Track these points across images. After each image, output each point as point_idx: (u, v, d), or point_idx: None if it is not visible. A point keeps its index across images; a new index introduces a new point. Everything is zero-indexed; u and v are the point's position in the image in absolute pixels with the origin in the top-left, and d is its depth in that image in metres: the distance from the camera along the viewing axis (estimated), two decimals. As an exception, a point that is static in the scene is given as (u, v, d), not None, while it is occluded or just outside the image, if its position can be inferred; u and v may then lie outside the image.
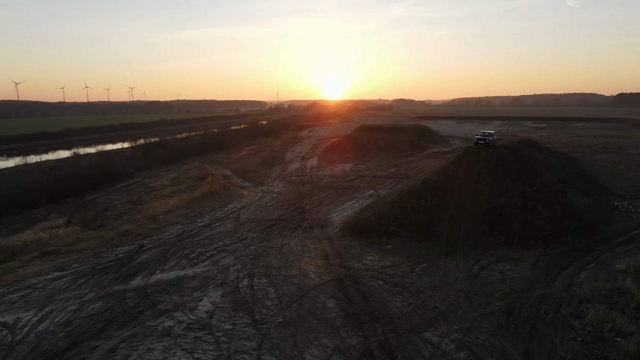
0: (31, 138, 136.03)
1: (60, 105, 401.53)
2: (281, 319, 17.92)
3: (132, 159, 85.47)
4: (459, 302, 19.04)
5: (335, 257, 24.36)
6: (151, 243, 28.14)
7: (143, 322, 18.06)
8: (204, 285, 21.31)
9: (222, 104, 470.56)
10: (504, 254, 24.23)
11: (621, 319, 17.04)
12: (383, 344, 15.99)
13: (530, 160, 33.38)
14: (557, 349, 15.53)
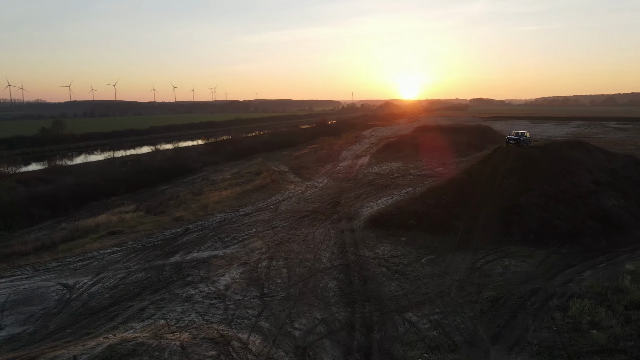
0: (121, 135, 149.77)
1: (150, 105, 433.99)
2: (285, 294, 20.40)
3: (203, 154, 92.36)
4: (451, 289, 20.38)
5: (351, 246, 26.40)
6: (195, 227, 31.86)
7: (172, 290, 21.38)
8: (229, 264, 24.34)
9: (297, 103, 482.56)
10: (514, 251, 24.90)
11: (604, 314, 17.56)
12: (365, 320, 17.93)
13: (566, 160, 32.89)
14: (527, 335, 16.55)
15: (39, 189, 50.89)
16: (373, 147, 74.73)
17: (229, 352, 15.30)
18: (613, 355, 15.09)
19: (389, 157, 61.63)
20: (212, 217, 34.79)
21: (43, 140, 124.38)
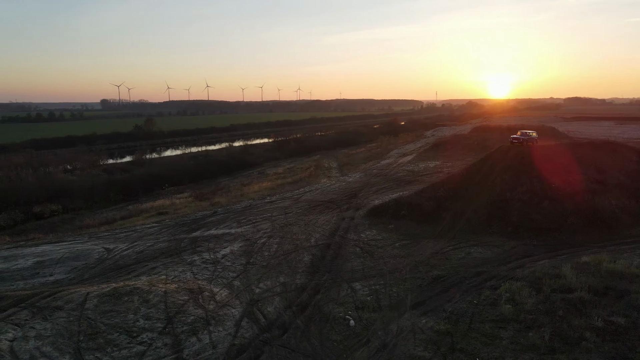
0: (203, 132, 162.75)
1: (237, 105, 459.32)
2: (265, 264, 24.59)
3: (268, 151, 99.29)
4: (404, 268, 23.27)
5: (342, 231, 29.89)
6: (223, 211, 37.08)
7: (181, 256, 26.47)
8: (234, 240, 29.03)
9: (377, 103, 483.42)
10: (487, 240, 26.88)
11: (527, 294, 19.55)
12: (317, 285, 21.57)
13: (571, 160, 33.47)
14: (447, 305, 19.19)
15: (117, 177, 59.69)
16: (424, 147, 76.26)
17: (197, 299, 19.85)
18: (508, 323, 17.41)
19: (431, 156, 63.22)
20: (241, 203, 39.88)
21: (136, 136, 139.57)
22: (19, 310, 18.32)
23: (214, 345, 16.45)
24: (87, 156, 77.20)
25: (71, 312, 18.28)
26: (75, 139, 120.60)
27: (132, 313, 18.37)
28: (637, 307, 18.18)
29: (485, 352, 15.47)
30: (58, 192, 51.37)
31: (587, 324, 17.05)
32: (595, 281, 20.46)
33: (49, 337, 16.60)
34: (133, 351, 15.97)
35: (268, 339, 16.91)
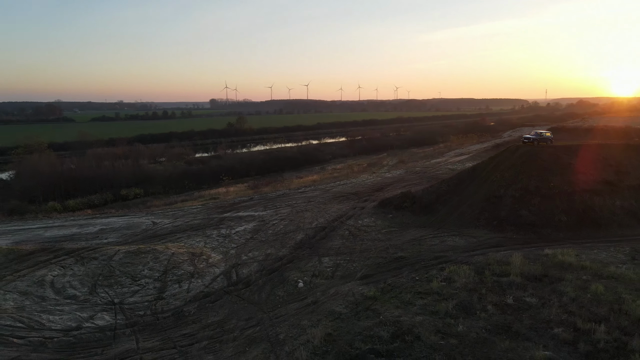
0: (290, 129, 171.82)
1: (333, 104, 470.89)
2: (264, 239, 29.31)
3: (341, 148, 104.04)
4: (375, 249, 26.46)
5: (345, 217, 33.54)
6: (259, 198, 42.50)
7: (204, 230, 32.16)
8: (252, 220, 34.12)
9: (476, 102, 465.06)
10: (469, 232, 28.87)
11: (465, 275, 21.89)
12: (294, 257, 25.76)
13: (582, 160, 33.59)
14: (390, 279, 22.27)
15: (193, 168, 68.38)
16: (487, 147, 75.67)
17: (194, 260, 25.19)
18: (429, 295, 20.15)
19: (485, 156, 63.21)
20: (278, 192, 45.01)
21: (228, 132, 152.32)
22: (68, 257, 25.03)
23: (189, 291, 21.53)
24: (176, 150, 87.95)
25: (101, 261, 24.57)
26: (175, 135, 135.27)
27: (141, 265, 24.17)
28: (558, 291, 19.86)
29: (390, 313, 18.59)
30: (143, 179, 60.80)
31: (498, 300, 19.26)
32: (538, 269, 22.11)
33: (80, 276, 22.90)
34: (130, 290, 21.61)
35: (230, 290, 21.58)
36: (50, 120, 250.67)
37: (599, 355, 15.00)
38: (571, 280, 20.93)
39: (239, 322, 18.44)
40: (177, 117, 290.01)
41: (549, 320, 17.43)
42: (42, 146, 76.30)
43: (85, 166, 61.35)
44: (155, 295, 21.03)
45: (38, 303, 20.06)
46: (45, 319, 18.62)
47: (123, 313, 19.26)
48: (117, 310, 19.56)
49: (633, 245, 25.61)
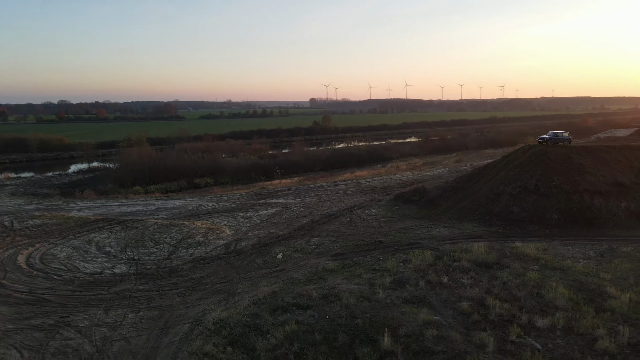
0: (374, 129, 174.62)
1: (430, 103, 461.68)
2: (275, 221, 33.89)
3: (413, 148, 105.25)
4: (361, 234, 29.64)
5: (357, 207, 36.88)
6: (296, 188, 47.19)
7: (233, 212, 37.61)
8: (277, 206, 38.88)
9: (593, 100, 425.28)
10: (458, 225, 30.73)
11: (422, 258, 24.52)
12: (290, 236, 29.95)
13: (601, 161, 33.05)
14: (357, 258, 25.60)
15: (260, 162, 75.15)
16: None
17: (208, 233, 30.57)
18: (378, 272, 23.17)
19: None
20: (316, 184, 49.36)
21: (313, 130, 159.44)
22: (117, 226, 31.87)
23: (191, 255, 26.86)
24: (255, 146, 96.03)
25: (139, 230, 30.99)
26: (264, 132, 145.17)
27: (166, 234, 30.13)
28: (494, 276, 21.81)
29: (334, 281, 22.06)
30: (215, 170, 68.76)
31: (435, 279, 21.69)
32: (492, 258, 23.99)
33: (118, 239, 29.41)
34: (150, 251, 27.51)
35: (223, 257, 26.50)
36: (165, 118, 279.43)
37: (482, 324, 17.34)
38: (514, 268, 22.73)
39: (215, 279, 23.23)
40: (275, 115, 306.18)
41: (463, 296, 19.82)
42: (142, 140, 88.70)
43: (170, 158, 70.95)
44: (165, 256, 26.64)
45: (82, 255, 26.69)
46: (82, 265, 25.05)
47: (136, 266, 25.06)
48: (133, 264, 25.44)
49: (612, 245, 25.98)
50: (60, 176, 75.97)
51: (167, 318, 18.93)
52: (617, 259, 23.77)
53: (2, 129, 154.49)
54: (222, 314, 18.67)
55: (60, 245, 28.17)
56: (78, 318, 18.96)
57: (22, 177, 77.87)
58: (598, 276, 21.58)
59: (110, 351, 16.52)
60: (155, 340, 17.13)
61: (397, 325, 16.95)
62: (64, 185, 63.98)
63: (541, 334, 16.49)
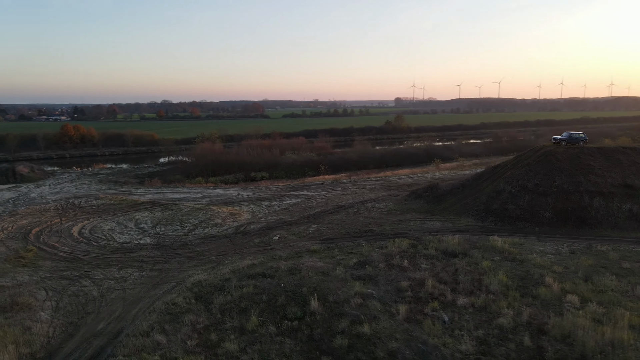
0: (449, 129, 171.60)
1: (522, 102, 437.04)
2: (291, 210, 37.63)
3: (479, 148, 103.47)
4: (358, 223, 32.37)
5: (371, 201, 39.43)
6: (329, 182, 50.52)
7: (262, 202, 42.00)
8: (301, 197, 42.62)
9: None
10: (454, 219, 32.23)
11: (398, 245, 26.92)
12: (296, 222, 33.55)
13: (611, 163, 32.39)
14: (341, 242, 28.60)
15: (314, 159, 79.24)
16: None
17: (227, 217, 35.21)
18: (354, 255, 26.03)
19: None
20: (350, 180, 52.30)
21: (385, 130, 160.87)
22: (158, 207, 37.70)
23: (206, 233, 31.54)
24: (317, 143, 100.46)
25: (174, 212, 36.48)
26: (335, 131, 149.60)
27: (192, 216, 35.24)
28: (452, 262, 23.74)
29: (307, 260, 25.30)
30: (272, 165, 74.18)
31: (398, 262, 24.09)
32: (460, 248, 25.72)
33: (154, 217, 35.02)
34: (174, 228, 32.66)
35: (230, 236, 30.84)
36: (251, 116, 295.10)
37: (408, 298, 19.79)
38: (475, 258, 24.43)
39: (214, 252, 27.59)
40: (355, 114, 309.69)
41: (410, 277, 22.22)
42: (214, 137, 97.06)
43: (231, 153, 77.71)
44: (185, 233, 31.61)
45: (121, 229, 32.55)
46: (117, 236, 30.78)
47: (158, 239, 30.25)
48: (156, 237, 30.68)
49: (592, 244, 26.34)
50: (143, 167, 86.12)
51: (161, 278, 23.57)
52: (585, 256, 24.42)
53: (109, 126, 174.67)
54: (201, 277, 22.84)
55: (108, 221, 34.38)
56: (97, 273, 24.23)
57: (113, 167, 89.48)
58: (550, 269, 22.67)
59: (109, 297, 21.42)
60: (144, 292, 21.76)
61: (330, 294, 19.94)
62: (143, 175, 72.99)
63: (455, 310, 18.56)
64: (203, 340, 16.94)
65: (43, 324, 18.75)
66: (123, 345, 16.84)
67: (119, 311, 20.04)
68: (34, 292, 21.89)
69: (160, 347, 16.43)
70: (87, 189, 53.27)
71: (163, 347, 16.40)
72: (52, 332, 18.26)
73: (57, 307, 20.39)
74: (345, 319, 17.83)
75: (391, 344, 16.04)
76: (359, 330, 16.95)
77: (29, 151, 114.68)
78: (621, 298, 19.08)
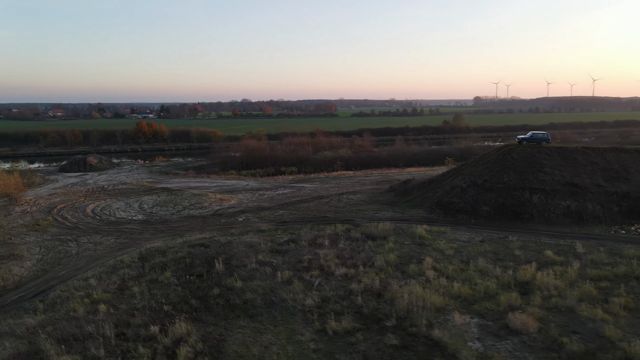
0: (512, 129, 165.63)
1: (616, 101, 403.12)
2: (275, 198, 42.26)
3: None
4: (318, 210, 36.21)
5: (351, 193, 42.86)
6: (333, 178, 54.38)
7: (260, 191, 47.07)
8: (295, 189, 47.07)
9: None
10: (408, 211, 34.80)
11: (334, 229, 30.62)
12: (268, 208, 38.15)
13: (554, 162, 33.23)
14: (298, 223, 32.82)
15: (346, 155, 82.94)
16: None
17: (216, 202, 40.73)
18: (291, 234, 30.21)
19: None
20: (350, 175, 55.75)
21: (442, 129, 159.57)
22: (165, 192, 44.22)
23: (189, 213, 37.19)
24: (358, 142, 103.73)
25: (176, 195, 42.75)
26: (390, 130, 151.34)
27: (187, 200, 41.19)
28: (365, 243, 27.09)
29: (250, 235, 29.85)
30: (303, 161, 79.18)
31: (319, 242, 28.00)
32: (382, 233, 28.77)
33: (156, 200, 41.45)
34: (166, 209, 38.72)
35: (207, 216, 36.16)
36: (320, 115, 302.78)
37: (299, 267, 23.75)
38: (387, 241, 27.49)
39: (183, 228, 33.03)
40: (425, 114, 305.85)
41: (315, 252, 26.03)
42: (260, 134, 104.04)
43: (266, 149, 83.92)
44: (173, 213, 37.51)
45: (125, 208, 39.23)
46: (118, 214, 37.41)
47: (148, 217, 36.40)
48: (148, 215, 36.87)
49: (507, 235, 28.18)
50: (193, 161, 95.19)
51: (129, 244, 29.41)
52: (489, 244, 26.56)
53: (181, 123, 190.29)
54: (156, 245, 28.30)
55: (120, 201, 41.38)
56: (84, 238, 30.69)
57: (170, 160, 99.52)
58: (441, 252, 25.34)
59: (82, 255, 27.59)
60: (109, 253, 27.67)
61: (236, 260, 24.47)
62: (188, 168, 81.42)
63: (331, 278, 22.10)
64: (122, 285, 22.25)
65: (23, 269, 25.21)
66: (65, 284, 22.70)
67: (82, 264, 26.04)
68: (31, 248, 28.69)
69: (89, 287, 22.00)
70: (134, 177, 61.73)
71: (90, 287, 21.95)
72: (26, 274, 24.62)
73: (41, 259, 26.86)
74: (232, 277, 22.27)
75: (249, 295, 20.27)
76: (234, 284, 21.36)
77: (108, 145, 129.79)
78: (474, 275, 21.61)
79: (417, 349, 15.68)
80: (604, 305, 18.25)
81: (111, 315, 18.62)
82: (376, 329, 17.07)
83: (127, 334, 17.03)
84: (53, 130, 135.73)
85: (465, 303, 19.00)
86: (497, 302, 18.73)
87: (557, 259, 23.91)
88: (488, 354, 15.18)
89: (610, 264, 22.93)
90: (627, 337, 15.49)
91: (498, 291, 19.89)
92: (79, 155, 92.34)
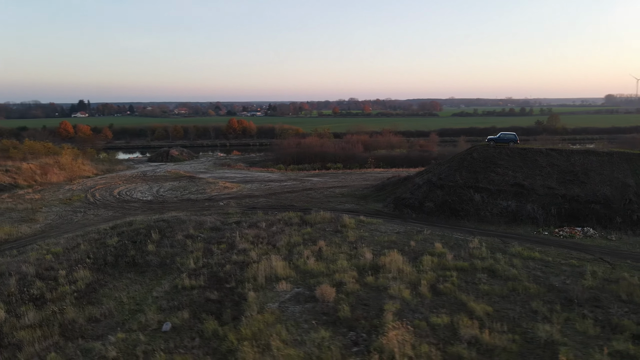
0: (621, 131, 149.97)
1: None
2: (269, 189, 46.86)
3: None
4: (293, 201, 40.03)
5: (336, 187, 45.80)
6: (347, 173, 57.28)
7: (270, 182, 52.09)
8: (299, 181, 51.17)
9: None
10: (374, 205, 36.95)
11: (299, 218, 34.55)
12: (256, 196, 42.93)
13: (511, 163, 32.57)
14: (269, 210, 37.27)
15: (388, 155, 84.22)
16: None
17: (218, 188, 46.66)
18: (249, 218, 34.77)
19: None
20: (370, 171, 58.02)
21: (532, 130, 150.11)
22: (187, 179, 51.41)
23: (186, 197, 43.49)
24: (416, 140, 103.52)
25: (193, 182, 49.56)
26: (473, 130, 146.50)
27: (197, 186, 47.63)
28: (298, 228, 30.71)
29: (214, 217, 34.92)
30: (349, 157, 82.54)
31: (265, 224, 32.24)
32: (321, 221, 31.83)
33: (174, 186, 48.59)
34: (175, 193, 45.48)
35: (198, 200, 42.08)
36: (419, 114, 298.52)
37: (213, 241, 28.42)
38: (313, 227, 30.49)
39: (171, 208, 39.22)
40: (534, 113, 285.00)
41: (242, 232, 30.26)
42: (327, 132, 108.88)
43: (316, 146, 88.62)
44: (175, 196, 44.10)
45: (144, 191, 46.83)
46: (135, 195, 45.01)
47: (154, 198, 43.39)
48: (155, 197, 43.91)
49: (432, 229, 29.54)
50: (260, 156, 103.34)
51: (118, 217, 36.31)
52: (400, 235, 28.19)
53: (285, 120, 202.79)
54: (136, 219, 34.73)
55: (145, 185, 49.28)
56: (91, 211, 38.37)
57: (242, 154, 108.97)
58: (345, 238, 27.81)
59: (79, 222, 35.02)
60: (97, 223, 34.71)
61: (169, 232, 29.74)
62: (251, 162, 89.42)
63: (230, 251, 26.42)
64: (77, 244, 28.79)
65: (30, 229, 33.17)
66: (44, 240, 29.91)
67: (72, 228, 33.33)
68: (49, 215, 36.94)
69: (56, 244, 28.79)
70: (197, 168, 70.64)
71: (57, 244, 28.75)
72: (30, 232, 32.48)
73: (48, 224, 34.79)
74: (155, 244, 27.56)
75: (152, 257, 25.25)
76: (148, 249, 26.59)
77: (202, 139, 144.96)
78: (342, 257, 23.99)
79: (224, 303, 19.28)
80: (418, 288, 19.93)
81: (46, 261, 24.89)
82: (215, 288, 20.89)
83: (42, 274, 23.05)
84: (160, 125, 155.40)
85: (306, 277, 21.66)
86: (332, 279, 21.33)
87: (441, 251, 25.15)
88: (274, 311, 18.21)
89: (479, 258, 23.73)
90: (404, 312, 17.14)
91: (347, 270, 22.33)
92: (165, 147, 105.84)
